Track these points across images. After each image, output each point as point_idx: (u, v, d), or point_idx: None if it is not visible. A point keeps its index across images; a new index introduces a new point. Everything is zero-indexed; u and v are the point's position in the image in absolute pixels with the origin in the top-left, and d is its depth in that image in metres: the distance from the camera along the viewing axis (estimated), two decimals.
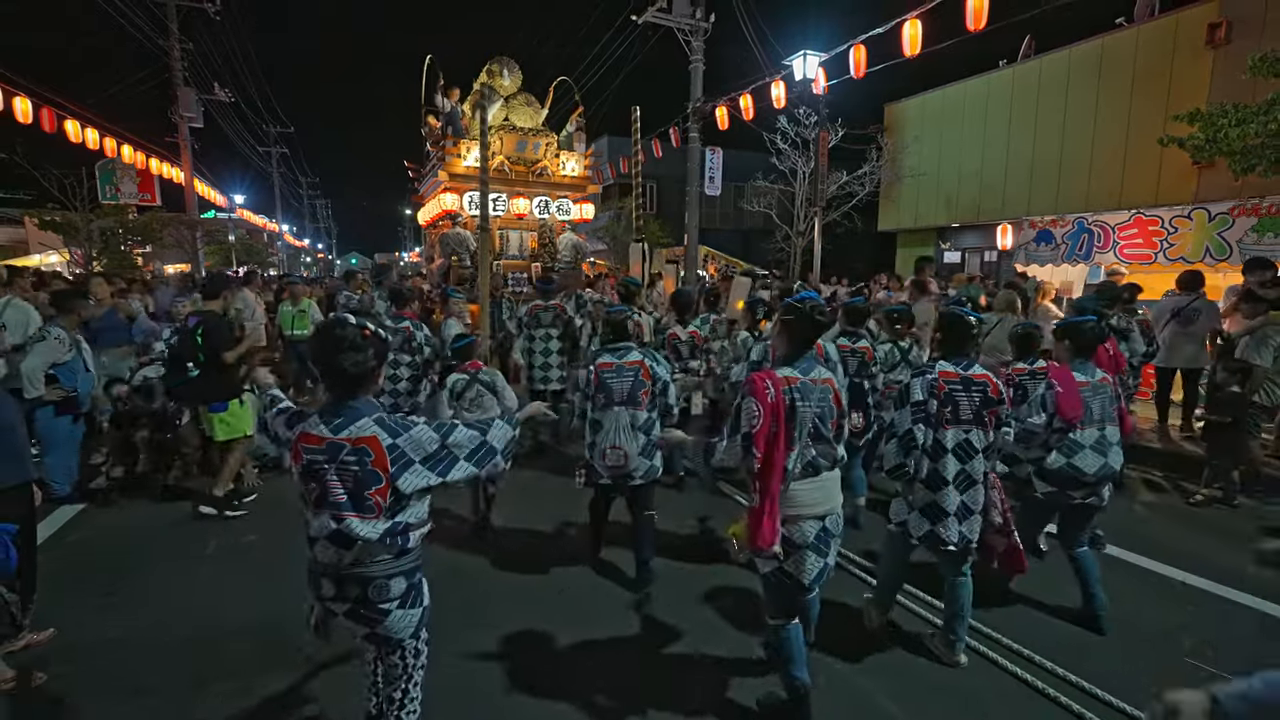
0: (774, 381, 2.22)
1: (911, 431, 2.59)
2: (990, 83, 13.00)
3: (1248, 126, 6.03)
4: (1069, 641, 2.95)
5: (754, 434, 2.17)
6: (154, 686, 2.60)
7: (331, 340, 1.73)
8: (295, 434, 1.78)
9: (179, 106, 17.56)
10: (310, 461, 1.73)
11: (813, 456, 2.27)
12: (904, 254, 15.78)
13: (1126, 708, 2.46)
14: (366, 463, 1.71)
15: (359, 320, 1.78)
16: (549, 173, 11.78)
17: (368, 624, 1.82)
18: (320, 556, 1.78)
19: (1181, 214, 8.64)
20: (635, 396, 3.29)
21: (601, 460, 3.30)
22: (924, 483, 2.64)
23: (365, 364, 1.75)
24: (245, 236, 30.32)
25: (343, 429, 1.73)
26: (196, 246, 19.35)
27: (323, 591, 1.80)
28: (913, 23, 8.58)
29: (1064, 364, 3.13)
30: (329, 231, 61.65)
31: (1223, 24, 9.29)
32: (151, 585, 3.43)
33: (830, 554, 2.34)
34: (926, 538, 2.67)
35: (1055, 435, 2.97)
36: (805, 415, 2.23)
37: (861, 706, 2.54)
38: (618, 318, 3.46)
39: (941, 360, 2.67)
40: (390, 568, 1.79)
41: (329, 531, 1.74)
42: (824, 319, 2.35)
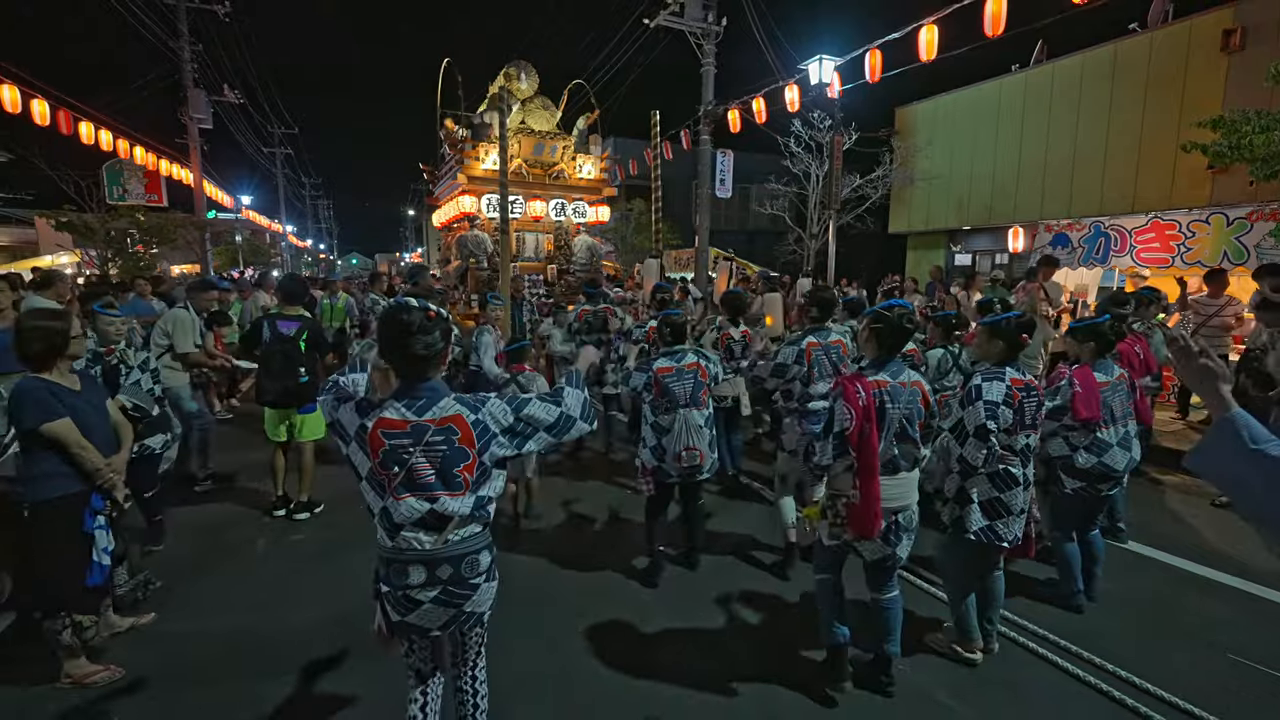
0: (864, 386, 2.34)
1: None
2: (1003, 86, 13.08)
3: (1272, 133, 6.11)
4: (1090, 628, 3.06)
5: (847, 434, 2.30)
6: (220, 677, 2.68)
7: (400, 325, 1.75)
8: (370, 421, 1.75)
9: (189, 108, 17.62)
10: (394, 446, 1.74)
11: (894, 455, 2.40)
12: (914, 256, 15.87)
13: (1150, 688, 2.56)
14: (454, 440, 1.77)
15: (422, 303, 1.83)
16: (565, 175, 11.85)
17: (456, 604, 1.83)
18: (405, 543, 1.77)
19: (1199, 218, 8.72)
20: (697, 397, 3.38)
21: (675, 463, 3.35)
22: (992, 480, 2.68)
23: (435, 345, 1.77)
24: (250, 237, 30.34)
25: (426, 410, 1.76)
26: (205, 247, 19.40)
27: (410, 580, 1.79)
28: (929, 28, 8.66)
29: (1085, 364, 3.21)
30: (330, 232, 61.66)
31: (1237, 30, 9.37)
32: (218, 584, 3.50)
33: (899, 546, 2.47)
34: (984, 532, 2.72)
35: (1073, 433, 3.11)
36: (894, 416, 2.36)
37: (913, 695, 2.62)
38: (678, 320, 3.49)
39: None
40: (479, 542, 1.87)
41: (421, 514, 1.76)
42: (912, 326, 2.45)
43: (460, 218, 11.80)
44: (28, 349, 2.54)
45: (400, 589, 1.81)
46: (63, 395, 2.55)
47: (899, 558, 2.49)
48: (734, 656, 2.90)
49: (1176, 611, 3.30)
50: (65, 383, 2.61)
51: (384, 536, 1.81)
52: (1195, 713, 2.48)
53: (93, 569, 2.59)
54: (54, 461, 2.52)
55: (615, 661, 2.85)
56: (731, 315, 4.52)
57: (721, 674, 2.75)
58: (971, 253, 14.67)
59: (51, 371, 2.58)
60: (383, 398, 1.81)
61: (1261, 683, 2.71)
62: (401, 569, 1.80)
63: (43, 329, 2.55)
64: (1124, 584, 3.53)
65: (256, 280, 10.78)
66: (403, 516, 1.76)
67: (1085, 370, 3.15)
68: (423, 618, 1.84)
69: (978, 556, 2.78)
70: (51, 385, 2.54)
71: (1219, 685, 2.67)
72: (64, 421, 2.49)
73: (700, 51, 14.03)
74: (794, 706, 2.56)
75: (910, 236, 15.94)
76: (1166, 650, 2.94)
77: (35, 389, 2.50)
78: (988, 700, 2.60)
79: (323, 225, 56.96)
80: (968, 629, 2.82)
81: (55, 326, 2.57)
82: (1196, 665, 2.82)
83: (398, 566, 1.80)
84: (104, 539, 2.64)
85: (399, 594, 1.81)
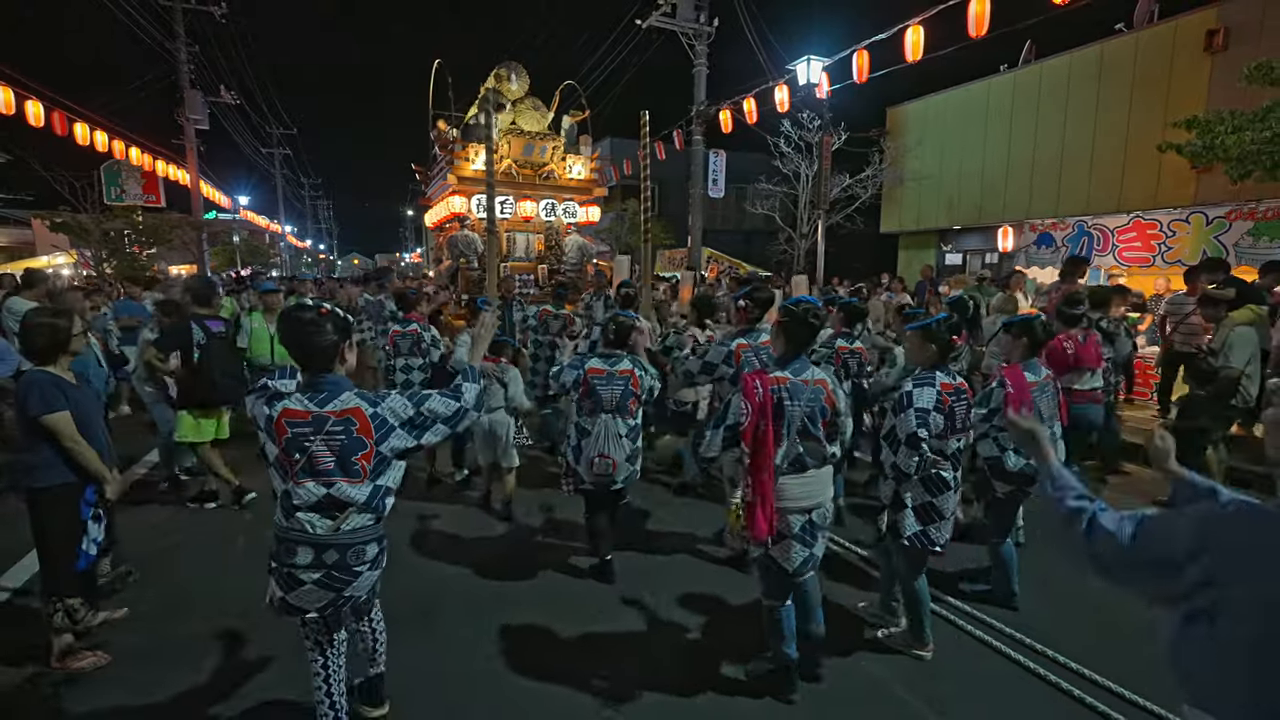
0: (763, 381, 2.37)
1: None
2: (991, 87, 13.14)
3: (1244, 133, 6.17)
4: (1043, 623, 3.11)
5: (740, 429, 2.35)
6: (199, 664, 2.75)
7: (295, 322, 1.91)
8: (276, 411, 1.88)
9: (185, 109, 17.72)
10: (296, 434, 1.87)
11: (799, 453, 2.40)
12: (905, 256, 15.94)
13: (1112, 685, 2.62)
14: (352, 431, 1.90)
15: (316, 301, 2.02)
16: (556, 176, 11.91)
17: (337, 588, 1.95)
18: (298, 524, 1.90)
19: (1180, 218, 8.79)
20: (624, 405, 3.32)
21: (588, 468, 3.30)
22: (925, 485, 2.72)
23: (329, 338, 1.92)
24: (248, 238, 30.44)
25: (327, 403, 1.90)
26: (202, 247, 19.51)
27: (296, 559, 1.91)
28: (915, 29, 8.74)
29: (1015, 363, 3.25)
30: (330, 232, 61.80)
31: (1220, 31, 9.43)
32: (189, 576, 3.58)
33: (817, 545, 2.48)
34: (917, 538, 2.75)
35: (1003, 433, 3.12)
36: (794, 414, 2.38)
37: (868, 687, 2.68)
38: (625, 323, 3.43)
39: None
40: (370, 534, 1.98)
41: (318, 498, 1.89)
42: (817, 322, 2.49)
43: (451, 218, 11.86)
44: (34, 344, 2.71)
45: (286, 566, 1.93)
46: (66, 388, 2.69)
47: (816, 558, 2.49)
48: (691, 654, 2.94)
49: (1115, 604, 3.36)
50: (68, 377, 2.76)
51: (281, 517, 1.95)
52: (1138, 701, 2.56)
53: (80, 556, 2.73)
54: (53, 450, 2.66)
55: (561, 661, 2.86)
56: (700, 318, 4.51)
57: (679, 672, 2.79)
58: (962, 252, 14.74)
59: (55, 365, 2.73)
60: (287, 391, 1.94)
61: None
62: (290, 548, 1.92)
63: (48, 325, 2.72)
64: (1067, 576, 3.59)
65: (251, 277, 10.83)
66: (301, 499, 1.90)
67: (1016, 370, 3.19)
68: (301, 598, 1.95)
69: (915, 560, 2.81)
70: (57, 378, 2.69)
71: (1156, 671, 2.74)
72: (63, 414, 2.62)
73: (692, 52, 14.12)
74: (750, 703, 2.60)
75: (901, 236, 16.01)
76: (1109, 640, 3.00)
77: (42, 380, 2.63)
78: (941, 692, 2.66)
79: (322, 225, 57.12)
80: (920, 630, 2.87)
81: (59, 324, 2.74)
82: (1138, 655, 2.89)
83: (288, 545, 1.92)
84: (94, 529, 2.76)
85: (285, 570, 1.93)
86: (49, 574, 2.75)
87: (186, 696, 2.61)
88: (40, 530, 2.72)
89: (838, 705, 2.59)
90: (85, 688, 2.66)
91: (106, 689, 2.65)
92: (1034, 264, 10.74)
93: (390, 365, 4.91)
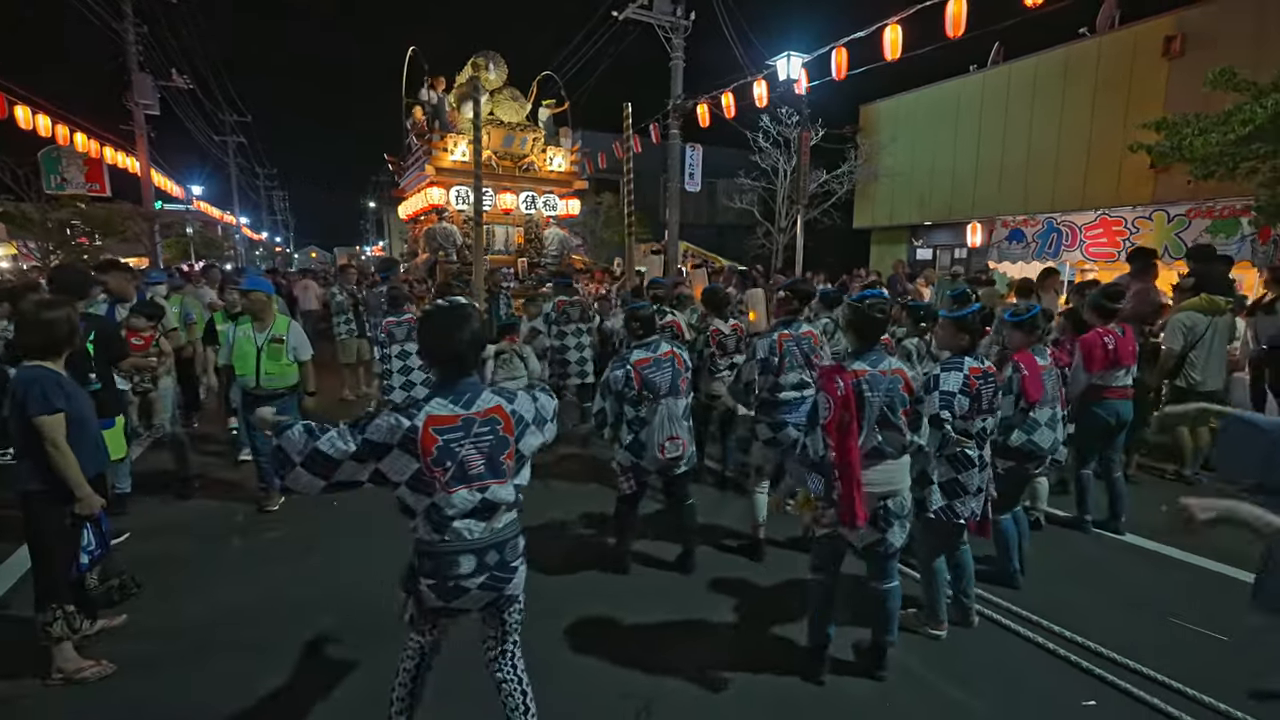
0: (843, 376, 2.41)
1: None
2: (962, 86, 13.52)
3: (1209, 136, 6.49)
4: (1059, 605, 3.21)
5: (825, 424, 2.37)
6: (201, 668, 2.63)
7: (451, 320, 1.84)
8: (420, 422, 1.76)
9: (134, 93, 16.81)
10: (446, 442, 1.78)
11: (879, 442, 2.46)
12: (878, 251, 16.30)
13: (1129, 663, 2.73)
14: (498, 430, 1.86)
15: (469, 300, 1.94)
16: (536, 167, 11.74)
17: (499, 587, 1.90)
18: (455, 534, 1.81)
19: (1144, 215, 9.22)
20: (676, 385, 3.36)
21: (659, 454, 3.29)
22: (949, 462, 2.82)
23: (480, 339, 1.88)
24: (202, 229, 29.12)
25: (472, 404, 1.83)
26: (155, 239, 18.58)
27: (460, 569, 1.82)
28: (893, 27, 8.91)
29: (1024, 349, 3.35)
30: (286, 224, 59.64)
31: (1178, 37, 9.90)
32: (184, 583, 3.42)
33: (889, 532, 2.51)
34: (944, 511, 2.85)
35: (1019, 415, 3.26)
36: (874, 403, 2.43)
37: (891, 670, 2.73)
38: (645, 312, 3.47)
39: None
40: (517, 527, 1.97)
41: (474, 504, 1.82)
42: (884, 316, 2.54)
43: (428, 210, 11.58)
44: (33, 338, 2.53)
45: (451, 579, 1.84)
46: (68, 387, 2.54)
47: (891, 544, 2.53)
48: (714, 643, 2.96)
49: (1124, 580, 3.52)
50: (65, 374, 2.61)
51: (429, 531, 1.82)
52: (1146, 672, 2.67)
53: (78, 561, 2.62)
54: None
55: (593, 652, 2.86)
56: (715, 311, 4.53)
57: (703, 660, 2.80)
58: (932, 247, 15.15)
59: (54, 361, 2.56)
60: (422, 400, 1.83)
61: (1199, 640, 2.93)
62: (452, 560, 1.83)
63: (49, 320, 2.53)
64: (1081, 559, 3.75)
65: (201, 271, 10.19)
66: (456, 509, 1.81)
67: (1026, 354, 3.32)
68: (466, 602, 1.89)
69: (941, 534, 2.91)
70: (59, 376, 2.53)
71: (1163, 645, 2.87)
72: (57, 418, 2.45)
73: (669, 45, 14.07)
74: (775, 689, 2.63)
75: (874, 231, 16.36)
76: (1125, 620, 3.13)
77: (44, 378, 2.46)
78: (958, 669, 2.73)
79: (279, 217, 55.07)
80: (936, 609, 2.95)
81: (61, 316, 2.55)
82: (1151, 631, 3.03)
83: (448, 559, 1.83)
84: (85, 536, 2.61)
85: (448, 584, 1.84)
86: (44, 580, 2.59)
87: (192, 705, 2.51)
88: (36, 534, 2.56)
89: (856, 682, 2.64)
90: (85, 698, 2.53)
91: (107, 698, 2.54)
92: (1005, 259, 11.13)
93: (386, 354, 4.87)
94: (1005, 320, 3.54)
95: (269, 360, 4.19)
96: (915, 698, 2.58)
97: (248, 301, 4.38)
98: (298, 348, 4.28)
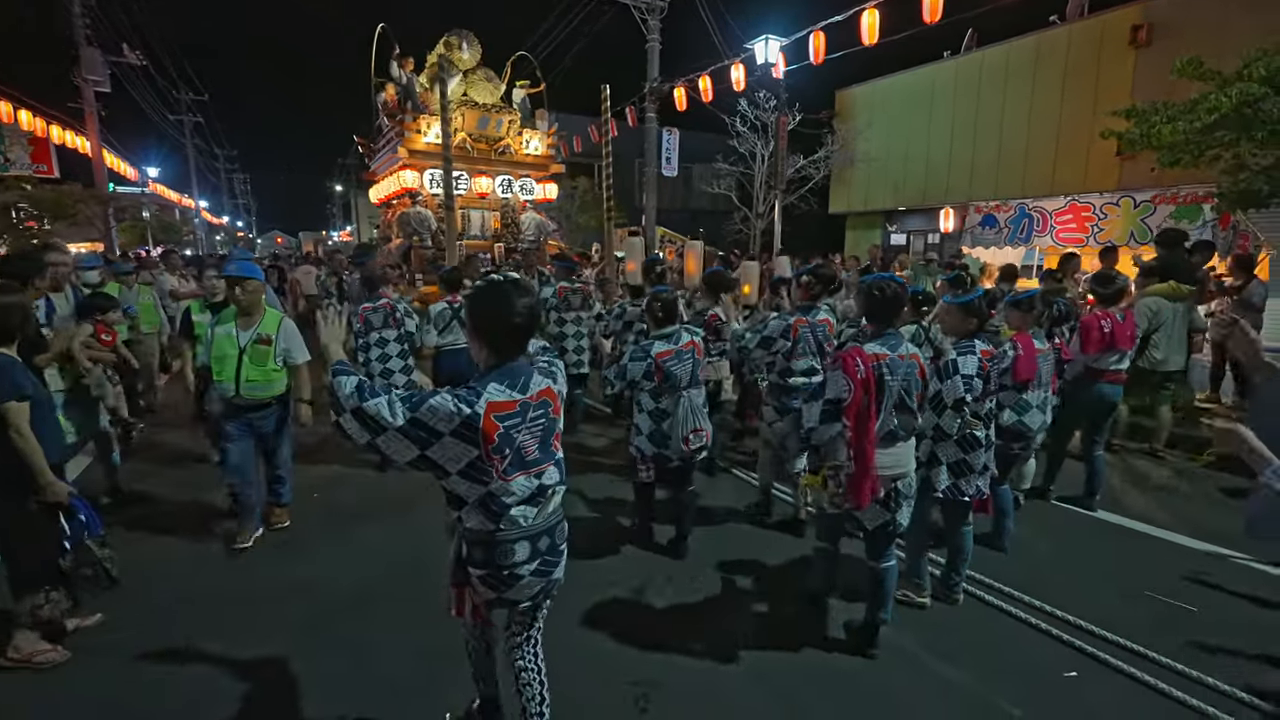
0: (864, 359, 2.42)
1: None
2: (936, 72, 13.63)
3: (1177, 124, 6.65)
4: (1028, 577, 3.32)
5: (844, 405, 2.39)
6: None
7: (505, 298, 1.72)
8: (481, 409, 1.62)
9: (82, 69, 15.96)
10: (507, 429, 1.67)
11: (894, 426, 2.51)
12: (852, 236, 16.45)
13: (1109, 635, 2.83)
14: (549, 411, 1.80)
15: (523, 278, 1.86)
16: (512, 150, 11.53)
17: (548, 572, 1.87)
18: (511, 521, 1.75)
19: (1111, 201, 9.44)
20: (696, 376, 3.35)
21: (683, 445, 3.30)
22: (959, 444, 2.89)
23: (537, 316, 1.78)
24: (159, 213, 27.96)
25: (528, 387, 1.74)
26: (109, 223, 17.78)
27: (516, 557, 1.78)
28: (871, 11, 8.93)
29: (1024, 331, 3.42)
30: (248, 208, 57.65)
31: (1144, 26, 10.11)
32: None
33: (899, 513, 2.58)
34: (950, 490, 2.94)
35: (1010, 395, 3.33)
36: (892, 388, 2.46)
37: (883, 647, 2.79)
38: (669, 298, 3.38)
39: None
40: (563, 510, 1.93)
41: (531, 490, 1.76)
42: (900, 297, 2.57)
43: (401, 193, 11.31)
44: None
45: (506, 568, 1.79)
46: (30, 375, 2.50)
47: (899, 524, 2.60)
48: (715, 623, 2.99)
49: (1101, 557, 3.65)
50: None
51: (483, 520, 1.75)
52: (1123, 643, 2.78)
53: (63, 545, 2.59)
54: None
55: (602, 631, 2.90)
56: (716, 295, 4.48)
57: (703, 641, 2.83)
58: (906, 233, 15.35)
59: (10, 348, 2.49)
60: (481, 384, 1.69)
61: (1176, 615, 3.06)
62: (507, 549, 1.78)
63: (3, 306, 2.46)
64: (1063, 539, 3.88)
65: (160, 257, 9.75)
66: (514, 496, 1.74)
67: (1026, 336, 3.38)
68: (519, 592, 1.84)
69: (946, 513, 3.01)
70: (17, 361, 2.47)
71: (1144, 619, 2.99)
72: (25, 404, 2.38)
73: (645, 27, 13.88)
74: (779, 663, 2.68)
75: (849, 217, 16.49)
76: (1107, 596, 3.24)
77: (10, 364, 2.42)
78: (950, 646, 2.80)
79: (240, 200, 53.19)
80: (920, 576, 3.05)
81: (14, 302, 2.50)
82: (1130, 606, 3.15)
83: (504, 547, 1.78)
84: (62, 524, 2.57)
85: (502, 573, 1.80)
86: (30, 566, 2.55)
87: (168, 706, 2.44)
88: (18, 520, 2.50)
89: (854, 661, 2.70)
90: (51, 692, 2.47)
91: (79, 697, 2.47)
92: (979, 244, 11.33)
93: (364, 343, 4.69)
94: (1006, 301, 3.61)
95: (252, 365, 3.48)
96: (909, 676, 2.64)
97: (241, 293, 3.49)
98: (290, 349, 3.59)
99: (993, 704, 2.46)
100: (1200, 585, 3.33)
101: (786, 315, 3.65)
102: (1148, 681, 2.54)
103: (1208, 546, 3.74)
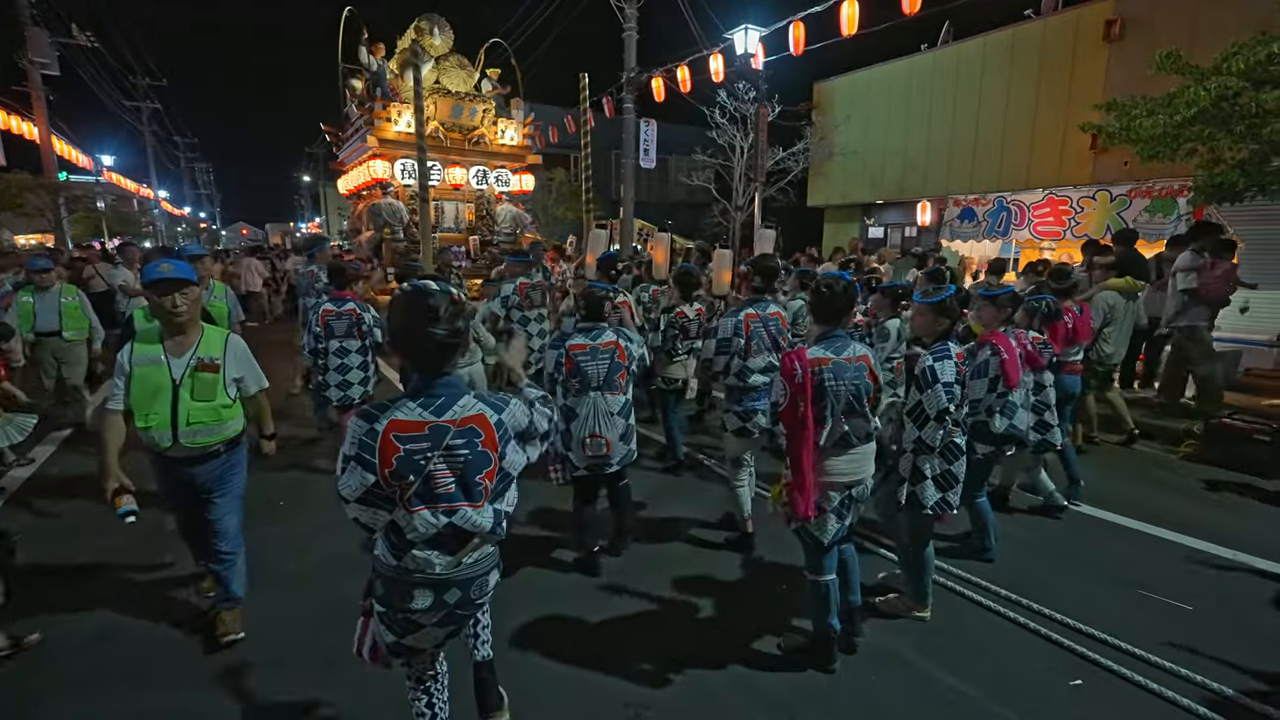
0: (802, 362, 2.28)
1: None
2: (913, 65, 13.63)
3: (1156, 117, 6.68)
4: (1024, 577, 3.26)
5: (779, 411, 2.29)
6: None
7: (423, 311, 1.54)
8: (381, 426, 1.53)
9: (28, 50, 15.13)
10: (409, 452, 1.52)
11: (845, 431, 2.37)
12: (831, 229, 16.44)
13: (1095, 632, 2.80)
14: (476, 444, 1.58)
15: (443, 286, 1.62)
16: (486, 140, 11.21)
17: (457, 624, 1.71)
18: (415, 564, 1.58)
19: (1088, 194, 9.53)
20: (612, 380, 3.08)
21: (580, 451, 3.09)
22: (942, 454, 2.71)
23: (461, 333, 1.58)
24: (115, 203, 26.81)
25: (446, 409, 1.56)
26: (60, 214, 16.95)
27: (414, 604, 1.60)
28: (850, 3, 8.86)
29: (996, 330, 3.28)
30: (212, 199, 55.75)
31: (1117, 21, 10.20)
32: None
33: (849, 518, 2.51)
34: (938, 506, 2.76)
35: (997, 399, 3.21)
36: (839, 392, 2.33)
37: (880, 656, 2.69)
38: (597, 294, 3.18)
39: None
40: (491, 562, 1.72)
41: (438, 528, 1.56)
42: (847, 296, 2.44)
43: (371, 184, 10.92)
44: None
45: (401, 612, 1.61)
46: None
47: (850, 527, 2.54)
48: (709, 634, 2.86)
49: (1091, 555, 3.61)
50: None
51: (388, 553, 1.61)
52: (1124, 647, 2.72)
53: None
54: None
55: (564, 654, 2.70)
56: (684, 293, 4.34)
57: (698, 653, 2.70)
58: (884, 226, 15.39)
59: None
60: (389, 402, 1.58)
61: (1164, 611, 3.02)
62: (406, 591, 1.60)
63: None
64: (1048, 534, 3.84)
65: (118, 249, 9.22)
66: (416, 532, 1.56)
67: (1002, 336, 3.23)
68: (420, 640, 1.67)
69: (928, 527, 2.83)
70: None
71: (1130, 617, 2.94)
72: None
73: (621, 15, 13.61)
74: (767, 677, 2.57)
75: (828, 210, 16.48)
76: (1095, 593, 3.19)
77: None
78: (947, 653, 2.72)
79: (203, 191, 51.39)
80: (923, 594, 2.92)
81: None
82: (1121, 605, 3.10)
83: (403, 589, 1.60)
84: None
85: (399, 616, 1.62)
86: None
87: None
88: None
89: (851, 672, 2.59)
90: None
91: None
92: (957, 237, 11.37)
93: (320, 348, 4.20)
94: (980, 296, 3.50)
95: (195, 400, 2.48)
96: (909, 688, 2.53)
97: (177, 305, 2.43)
98: (243, 378, 2.66)
99: (992, 709, 2.37)
100: (1192, 580, 3.31)
101: (735, 311, 3.48)
102: (1150, 687, 2.48)
103: (1193, 541, 3.73)
